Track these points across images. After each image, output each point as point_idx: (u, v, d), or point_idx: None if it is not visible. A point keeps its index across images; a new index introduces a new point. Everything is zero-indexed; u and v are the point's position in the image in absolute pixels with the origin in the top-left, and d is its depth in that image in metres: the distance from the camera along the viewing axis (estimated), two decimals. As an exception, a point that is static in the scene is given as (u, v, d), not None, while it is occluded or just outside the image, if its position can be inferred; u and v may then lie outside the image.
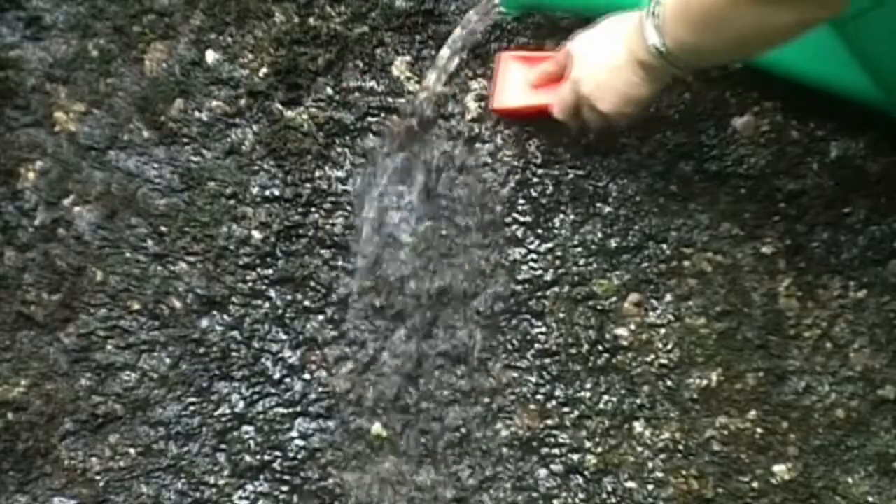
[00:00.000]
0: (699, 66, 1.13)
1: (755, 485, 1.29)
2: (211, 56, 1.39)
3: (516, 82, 1.28)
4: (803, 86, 1.22)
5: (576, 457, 1.33)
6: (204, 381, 1.42)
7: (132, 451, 1.43)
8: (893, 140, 1.24)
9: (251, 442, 1.41)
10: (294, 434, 1.40)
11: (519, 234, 1.34)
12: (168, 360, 1.42)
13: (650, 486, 1.31)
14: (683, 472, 1.31)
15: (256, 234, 1.39)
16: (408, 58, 1.35)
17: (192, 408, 1.42)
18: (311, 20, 1.36)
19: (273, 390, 1.40)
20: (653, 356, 1.31)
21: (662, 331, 1.31)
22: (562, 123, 1.23)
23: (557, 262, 1.33)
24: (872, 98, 1.19)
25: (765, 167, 1.28)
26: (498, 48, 1.33)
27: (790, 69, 1.20)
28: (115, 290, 1.42)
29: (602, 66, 1.13)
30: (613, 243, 1.32)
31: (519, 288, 1.34)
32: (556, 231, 1.33)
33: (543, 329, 1.33)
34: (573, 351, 1.33)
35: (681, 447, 1.31)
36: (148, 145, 1.42)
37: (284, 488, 1.40)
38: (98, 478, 1.44)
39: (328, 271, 1.38)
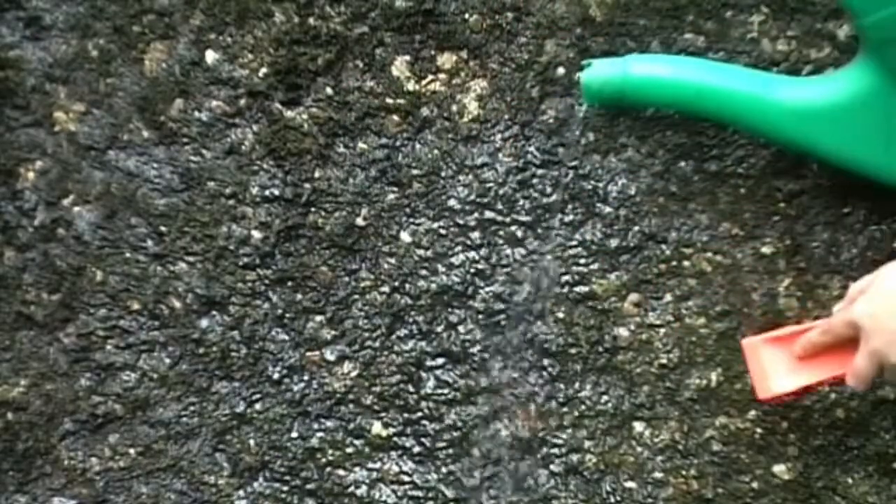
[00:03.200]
0: None
1: (755, 485, 1.29)
2: (211, 56, 1.39)
3: (779, 365, 1.17)
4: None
5: (576, 457, 1.33)
6: (204, 381, 1.42)
7: (132, 451, 1.43)
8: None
9: (251, 442, 1.41)
10: (294, 434, 1.40)
11: (519, 234, 1.34)
12: (168, 360, 1.42)
13: (650, 486, 1.32)
14: (683, 472, 1.31)
15: (256, 234, 1.39)
16: (408, 58, 1.35)
17: (192, 408, 1.42)
18: (311, 20, 1.36)
19: (273, 390, 1.40)
20: (653, 356, 1.31)
21: (662, 331, 1.31)
22: None
23: (557, 262, 1.33)
24: None
25: (765, 167, 1.28)
26: (498, 49, 1.33)
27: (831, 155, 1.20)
28: (114, 290, 1.42)
29: None
30: (613, 243, 1.32)
31: (519, 288, 1.34)
32: (556, 231, 1.33)
33: (543, 329, 1.33)
34: (573, 351, 1.33)
35: (681, 447, 1.31)
36: (148, 145, 1.42)
37: (284, 488, 1.40)
38: (98, 478, 1.44)
39: (328, 271, 1.38)
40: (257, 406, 1.41)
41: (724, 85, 1.19)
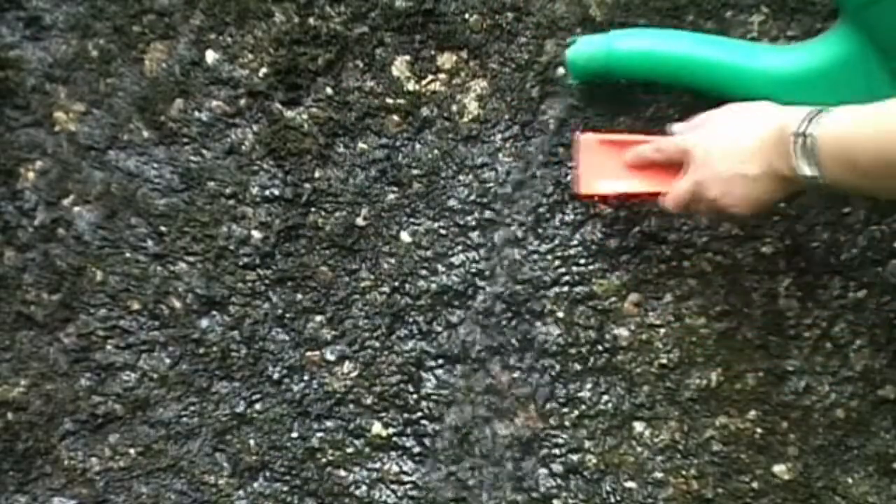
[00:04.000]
0: (853, 195, 1.07)
1: (755, 485, 1.29)
2: (211, 56, 1.39)
3: (605, 166, 1.22)
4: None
5: (576, 457, 1.33)
6: (204, 381, 1.42)
7: (132, 451, 1.43)
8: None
9: (251, 442, 1.41)
10: (294, 434, 1.40)
11: (519, 234, 1.34)
12: (168, 360, 1.42)
13: (650, 486, 1.32)
14: (683, 472, 1.31)
15: (256, 234, 1.39)
16: (408, 58, 1.35)
17: (192, 408, 1.42)
18: (311, 20, 1.36)
19: (273, 390, 1.40)
20: (653, 356, 1.31)
21: (662, 331, 1.31)
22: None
23: (557, 262, 1.33)
24: None
25: (765, 167, 1.28)
26: (498, 49, 1.33)
27: None
28: (114, 290, 1.42)
29: (735, 175, 1.07)
30: (613, 243, 1.32)
31: (519, 288, 1.34)
32: (556, 231, 1.33)
33: (543, 329, 1.33)
34: (573, 351, 1.33)
35: (681, 447, 1.31)
36: (148, 145, 1.42)
37: (284, 488, 1.40)
38: (98, 478, 1.44)
39: (328, 271, 1.38)
40: (257, 406, 1.41)
41: (707, 55, 1.20)
